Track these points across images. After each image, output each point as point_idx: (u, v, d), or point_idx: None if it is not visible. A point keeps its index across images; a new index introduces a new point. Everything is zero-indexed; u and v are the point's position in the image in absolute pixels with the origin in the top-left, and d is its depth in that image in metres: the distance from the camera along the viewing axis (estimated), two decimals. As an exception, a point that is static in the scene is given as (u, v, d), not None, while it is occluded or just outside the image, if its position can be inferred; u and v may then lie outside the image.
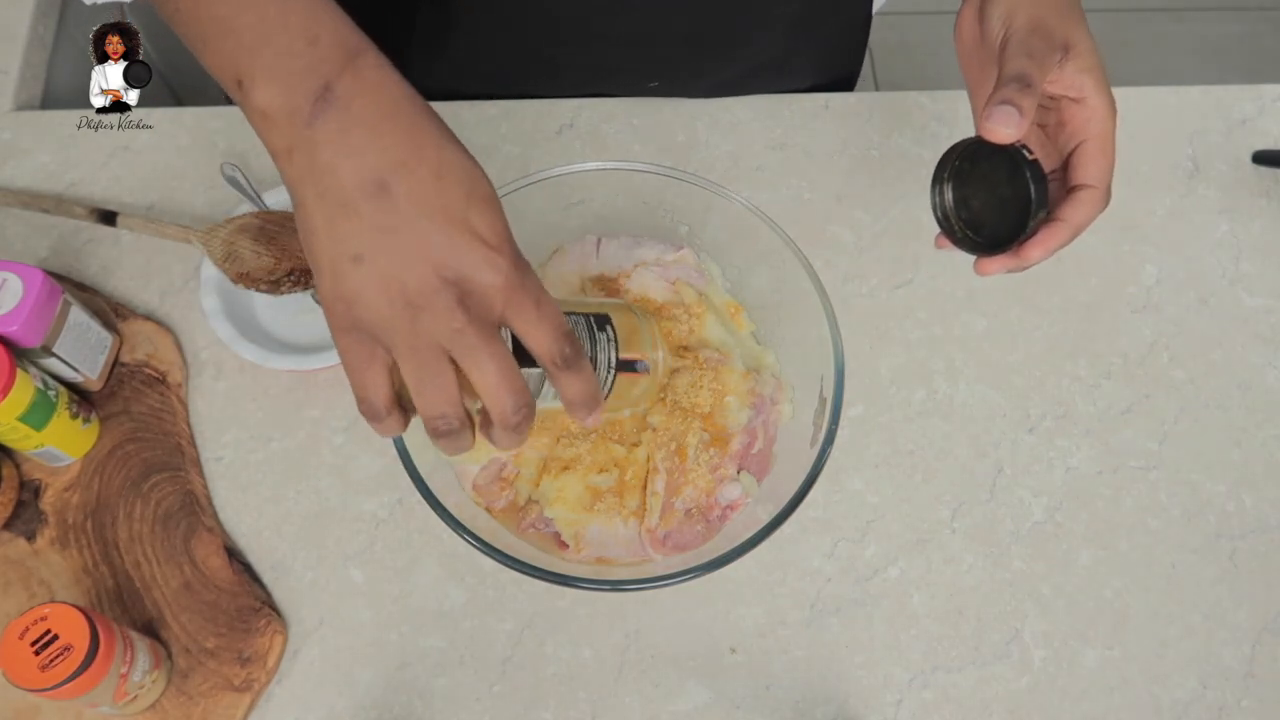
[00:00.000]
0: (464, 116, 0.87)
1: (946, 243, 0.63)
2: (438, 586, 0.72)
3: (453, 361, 0.47)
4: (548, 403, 0.53)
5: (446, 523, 0.61)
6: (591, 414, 0.52)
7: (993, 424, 0.79)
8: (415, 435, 0.66)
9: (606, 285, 0.74)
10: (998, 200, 0.58)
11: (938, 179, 0.61)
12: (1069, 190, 0.59)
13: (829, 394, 0.66)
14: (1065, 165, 0.60)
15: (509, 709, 0.69)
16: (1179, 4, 2.25)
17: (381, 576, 0.72)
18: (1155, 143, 0.90)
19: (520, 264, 0.48)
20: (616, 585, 0.63)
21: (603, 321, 0.55)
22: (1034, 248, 0.58)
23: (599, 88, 0.89)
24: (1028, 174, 0.55)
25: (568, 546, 0.67)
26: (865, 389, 0.79)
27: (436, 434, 0.49)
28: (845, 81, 0.99)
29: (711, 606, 0.72)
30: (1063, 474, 0.77)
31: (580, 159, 0.75)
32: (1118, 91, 0.93)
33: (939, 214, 0.62)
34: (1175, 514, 0.77)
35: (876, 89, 2.13)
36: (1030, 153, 0.56)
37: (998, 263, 0.60)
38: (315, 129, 0.46)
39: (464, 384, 0.48)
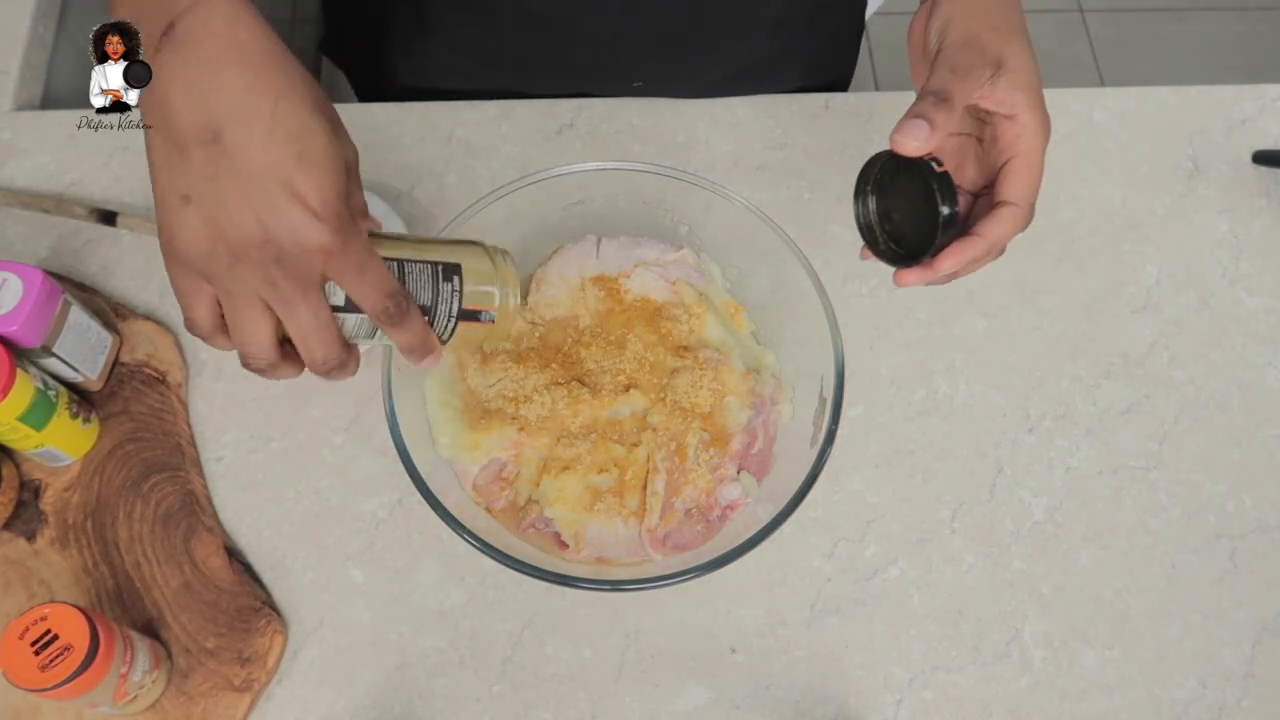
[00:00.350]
0: (464, 116, 0.87)
1: (870, 254, 0.62)
2: (438, 586, 0.72)
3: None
4: (378, 343, 0.56)
5: (446, 523, 0.61)
6: (424, 360, 0.55)
7: (993, 424, 0.79)
8: (415, 435, 0.66)
9: (606, 285, 0.74)
10: (916, 213, 0.58)
11: (859, 191, 0.61)
12: (991, 206, 0.59)
13: (829, 394, 0.66)
14: (994, 180, 0.60)
15: (509, 709, 0.69)
16: (1179, 4, 2.25)
17: (381, 576, 0.72)
18: (1155, 143, 0.90)
19: (344, 227, 0.49)
20: (616, 585, 0.63)
21: (450, 271, 0.55)
22: (944, 259, 0.57)
23: (581, 87, 0.90)
24: (935, 186, 0.55)
25: (568, 546, 0.67)
26: (865, 389, 0.79)
27: (247, 368, 0.52)
28: (838, 85, 0.99)
29: (711, 606, 0.72)
30: (1063, 474, 0.77)
31: (580, 159, 0.75)
32: (1118, 91, 0.94)
33: (861, 225, 0.62)
34: (1175, 514, 0.77)
35: (876, 89, 2.13)
36: (939, 165, 0.56)
37: (913, 275, 0.59)
38: (159, 63, 0.48)
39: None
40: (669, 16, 0.84)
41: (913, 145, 0.55)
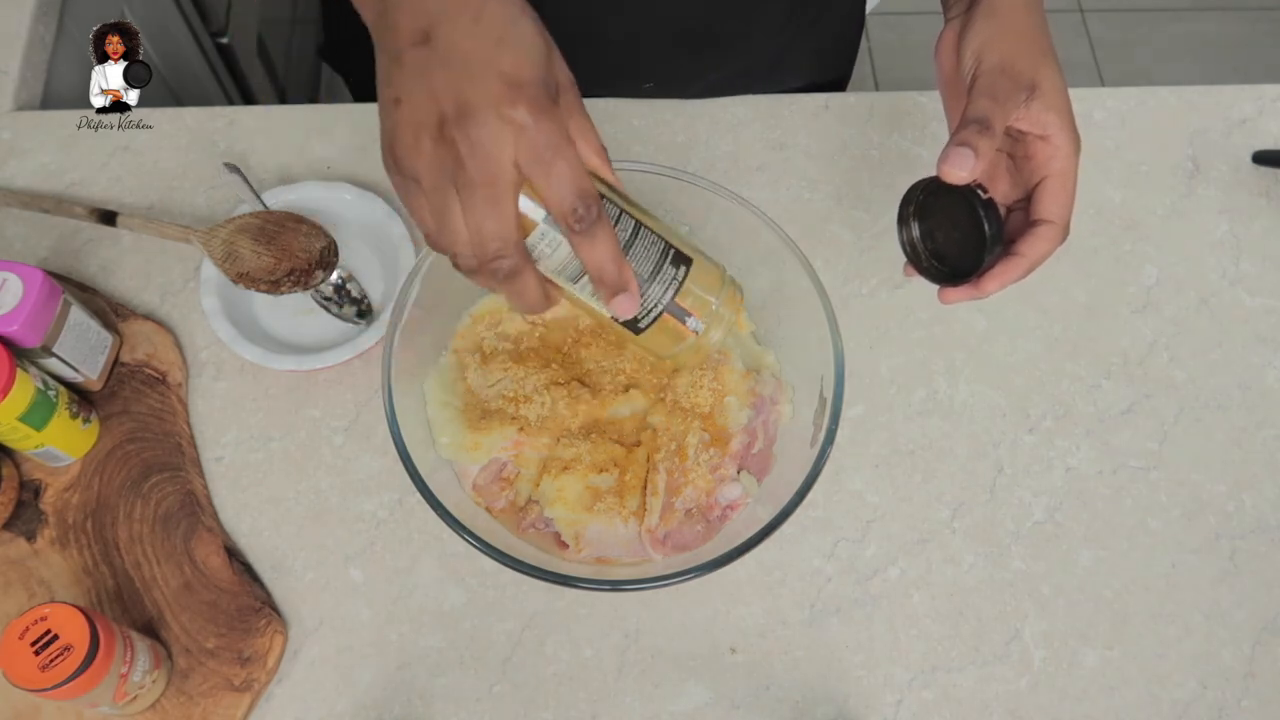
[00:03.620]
0: (464, 116, 0.87)
1: (914, 272, 0.65)
2: (438, 586, 0.72)
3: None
4: (581, 293, 0.53)
5: (446, 523, 0.61)
6: (615, 300, 0.51)
7: (993, 424, 0.79)
8: (415, 435, 0.66)
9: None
10: (959, 234, 0.61)
11: (903, 216, 0.63)
12: (1029, 224, 0.61)
13: (829, 394, 0.66)
14: (1029, 198, 0.62)
15: (509, 709, 0.69)
16: (1179, 4, 2.25)
17: (381, 576, 0.72)
18: (1155, 143, 0.90)
19: (539, 105, 0.47)
20: (616, 585, 0.63)
21: (681, 260, 0.53)
22: (990, 280, 0.60)
23: (593, 90, 0.90)
24: (981, 213, 0.58)
25: (568, 546, 0.67)
26: (865, 389, 0.79)
27: (458, 269, 0.50)
28: (837, 83, 0.99)
29: (711, 606, 0.72)
30: (1063, 474, 0.77)
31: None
32: (1118, 91, 0.94)
33: (906, 247, 0.64)
34: (1175, 514, 0.77)
35: (876, 89, 2.13)
36: (985, 191, 0.58)
37: (959, 293, 0.62)
38: None
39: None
40: (686, 15, 0.84)
41: (959, 174, 0.57)
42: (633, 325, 0.54)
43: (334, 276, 0.79)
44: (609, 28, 0.84)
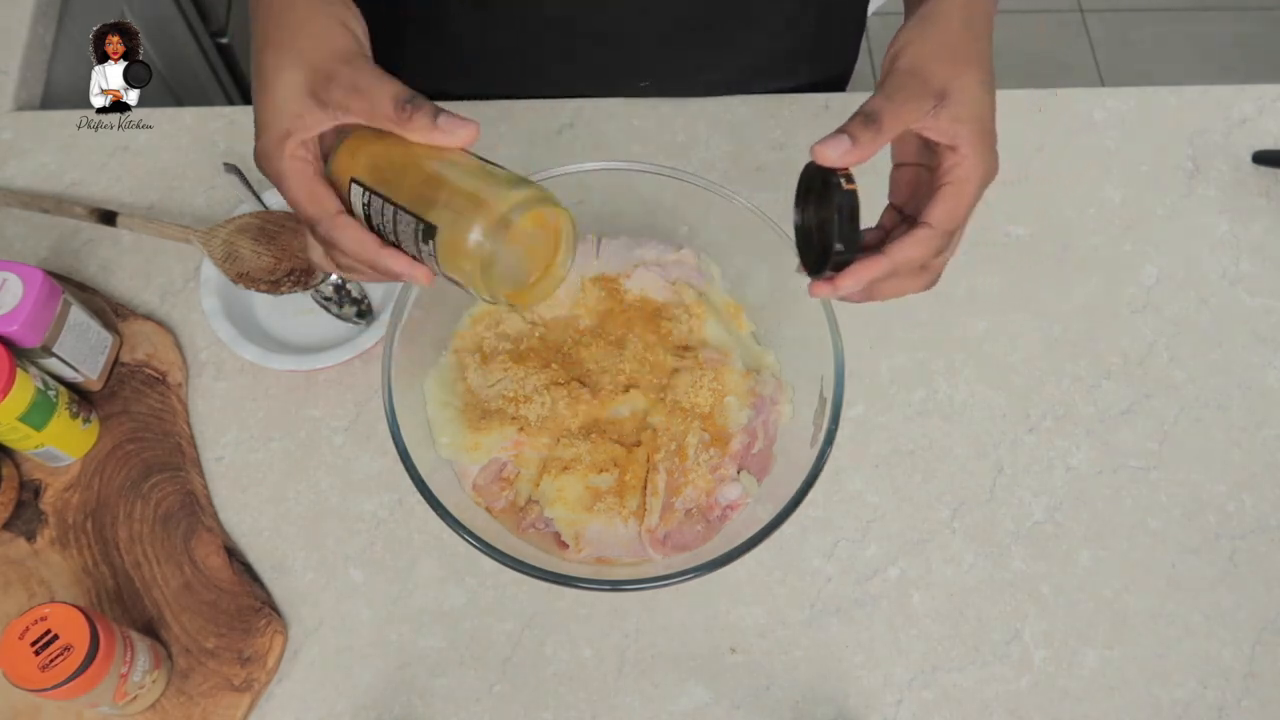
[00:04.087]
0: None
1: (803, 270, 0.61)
2: (438, 586, 0.72)
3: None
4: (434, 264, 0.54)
5: (446, 523, 0.61)
6: (398, 280, 0.56)
7: (993, 424, 0.79)
8: (415, 435, 0.66)
9: (607, 285, 0.74)
10: (828, 227, 0.57)
11: (797, 199, 0.60)
12: (909, 226, 0.58)
13: (829, 394, 0.66)
14: None
15: (509, 709, 0.69)
16: (1179, 4, 2.25)
17: (381, 576, 0.72)
18: (1155, 143, 0.90)
19: (274, 168, 0.55)
20: (616, 585, 0.63)
21: (429, 234, 0.52)
22: (845, 277, 0.57)
23: (588, 88, 0.90)
24: (835, 201, 0.55)
25: (568, 546, 0.67)
26: (865, 389, 0.79)
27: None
28: (838, 83, 0.99)
29: (711, 606, 0.72)
30: (1063, 474, 0.77)
31: (580, 159, 0.75)
32: (1118, 91, 0.94)
33: (798, 232, 0.60)
34: (1175, 514, 0.77)
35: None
36: (849, 181, 0.55)
37: (820, 287, 0.58)
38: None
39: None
40: (681, 13, 0.84)
41: (829, 155, 0.55)
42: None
43: (334, 276, 0.79)
44: (602, 23, 0.84)
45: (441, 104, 0.53)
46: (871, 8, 0.91)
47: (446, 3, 0.85)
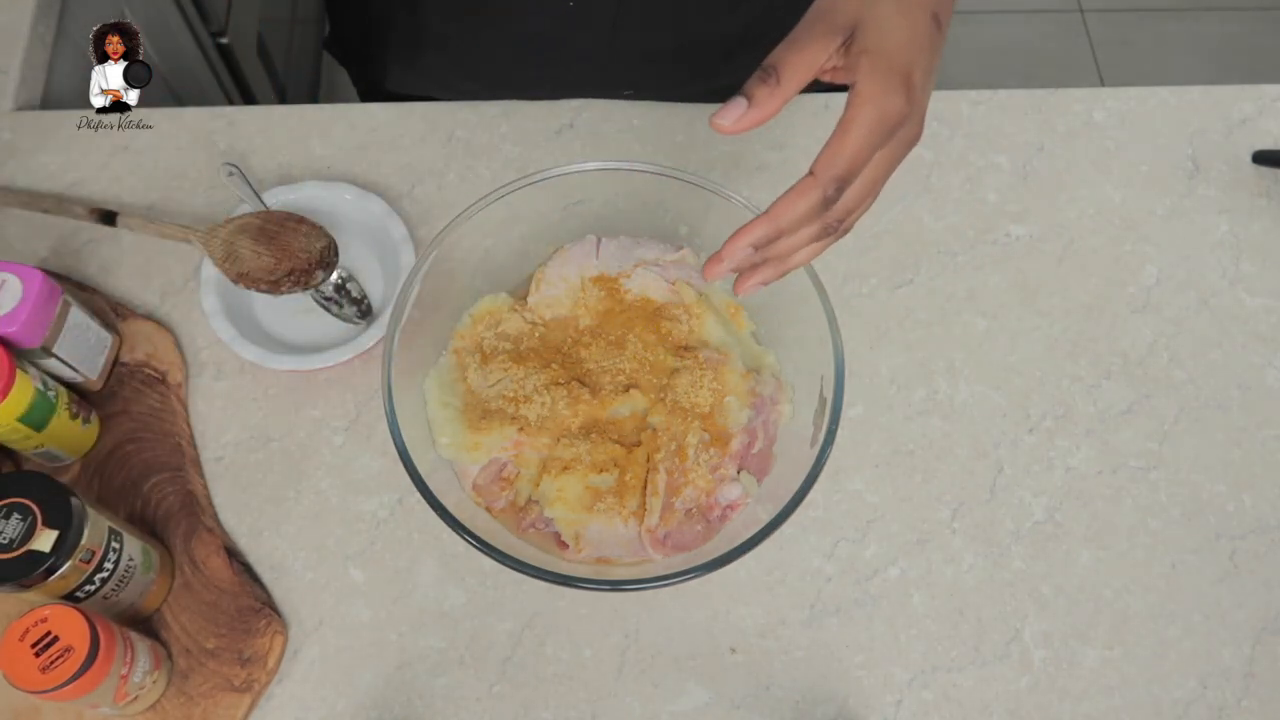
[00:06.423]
0: (464, 116, 0.87)
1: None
2: (438, 586, 0.72)
3: None
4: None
5: (446, 523, 0.61)
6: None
7: (993, 424, 0.79)
8: (415, 435, 0.66)
9: (606, 285, 0.74)
10: None
11: None
12: None
13: (829, 394, 0.66)
14: None
15: (509, 709, 0.69)
16: (1179, 4, 2.25)
17: (381, 576, 0.72)
18: (1155, 143, 0.90)
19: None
20: (616, 585, 0.63)
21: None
22: (728, 245, 0.53)
23: (571, 93, 0.90)
24: None
25: (568, 546, 0.67)
26: (865, 389, 0.79)
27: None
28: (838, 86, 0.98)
29: (711, 606, 0.72)
30: (1063, 474, 0.77)
31: (580, 159, 0.75)
32: (1118, 91, 0.94)
33: None
34: (1175, 514, 0.77)
35: (876, 89, 2.12)
36: None
37: (709, 267, 0.55)
38: None
39: None
40: (655, 37, 0.84)
41: (725, 124, 0.48)
42: None
43: (334, 276, 0.79)
44: (580, 43, 0.84)
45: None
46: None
47: (434, 11, 0.85)
